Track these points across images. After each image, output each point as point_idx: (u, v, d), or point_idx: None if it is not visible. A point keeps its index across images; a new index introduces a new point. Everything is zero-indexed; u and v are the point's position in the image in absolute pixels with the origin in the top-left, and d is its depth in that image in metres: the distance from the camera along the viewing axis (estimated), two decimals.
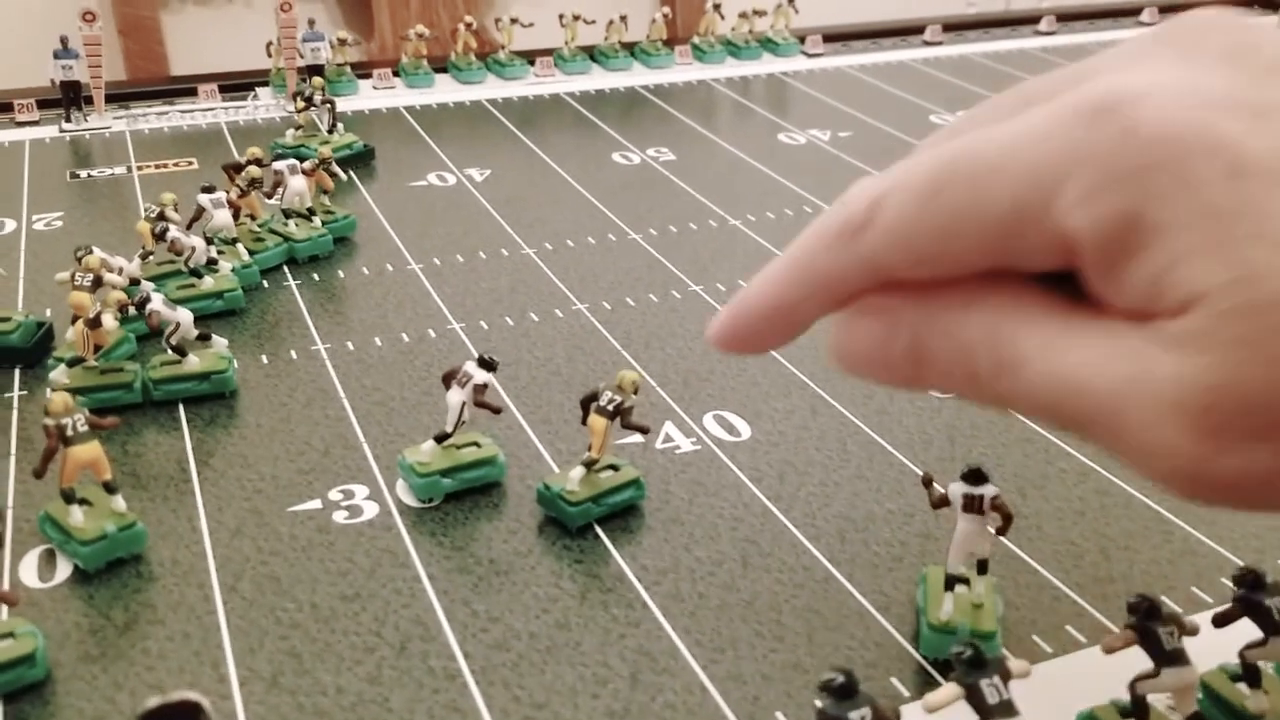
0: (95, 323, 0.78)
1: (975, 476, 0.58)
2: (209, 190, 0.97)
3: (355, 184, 1.21)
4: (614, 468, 0.71)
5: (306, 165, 1.06)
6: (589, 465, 0.69)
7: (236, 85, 1.50)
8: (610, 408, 0.68)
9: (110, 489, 0.65)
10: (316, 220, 1.05)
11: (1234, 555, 0.67)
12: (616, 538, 0.68)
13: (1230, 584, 0.53)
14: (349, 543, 0.67)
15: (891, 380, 0.39)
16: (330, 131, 1.25)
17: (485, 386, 0.70)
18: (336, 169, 1.10)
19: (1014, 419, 0.80)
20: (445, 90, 1.54)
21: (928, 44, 1.78)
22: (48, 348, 0.86)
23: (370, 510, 0.70)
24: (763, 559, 0.66)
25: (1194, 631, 0.51)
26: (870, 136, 1.39)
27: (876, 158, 1.31)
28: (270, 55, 1.47)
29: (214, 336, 0.83)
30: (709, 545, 0.67)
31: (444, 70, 1.58)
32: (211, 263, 0.93)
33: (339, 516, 0.69)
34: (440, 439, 0.71)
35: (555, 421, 0.80)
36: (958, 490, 0.59)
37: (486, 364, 0.71)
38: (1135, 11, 1.95)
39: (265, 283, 0.98)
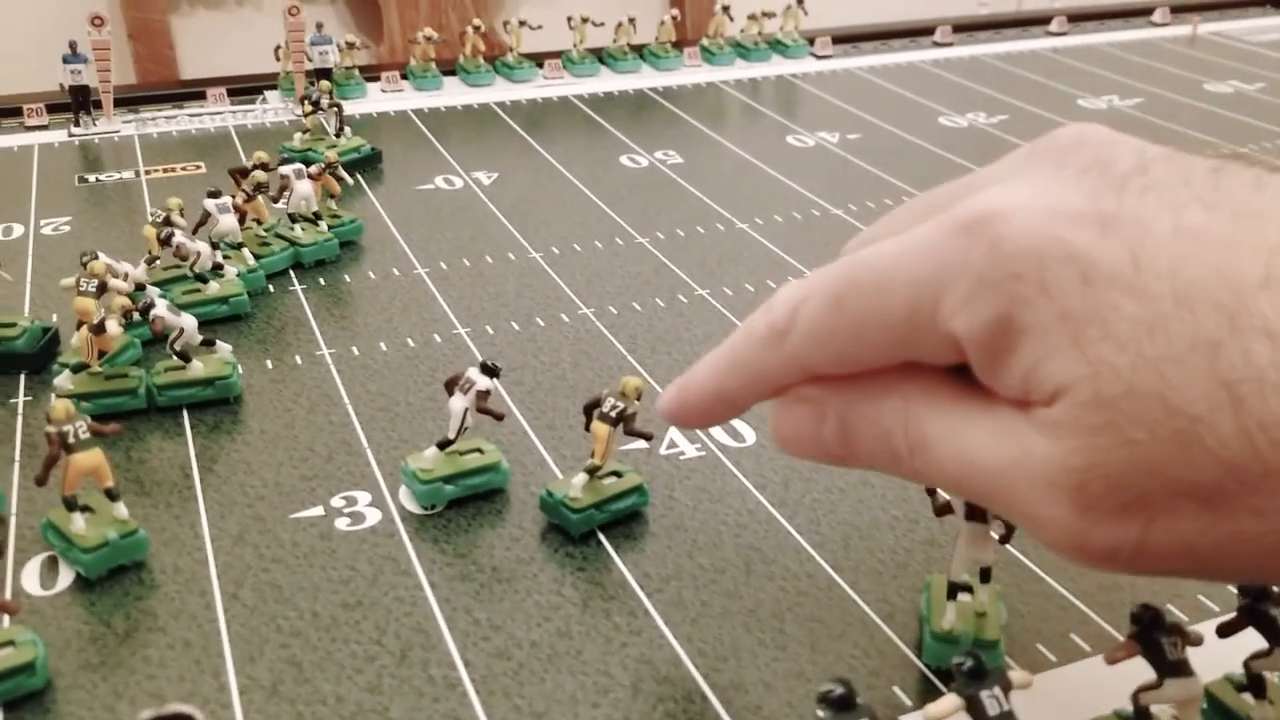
0: (99, 328, 0.78)
1: None
2: (214, 195, 0.97)
3: (362, 187, 1.21)
4: (617, 474, 0.71)
5: (313, 169, 1.06)
6: (592, 472, 0.69)
7: (245, 89, 1.50)
8: (613, 414, 0.68)
9: (112, 496, 0.65)
10: (323, 225, 1.05)
11: None
12: (619, 545, 0.68)
13: (1236, 593, 0.53)
14: (351, 550, 0.67)
15: (827, 459, 0.45)
16: (337, 135, 1.26)
17: (488, 393, 0.70)
18: (343, 173, 1.10)
19: None
20: (453, 93, 1.54)
21: (938, 45, 1.77)
22: (53, 353, 0.86)
23: (373, 517, 0.69)
24: (766, 566, 0.66)
25: (1198, 642, 0.50)
26: (879, 139, 1.38)
27: (884, 160, 1.30)
28: (278, 59, 1.47)
29: (218, 342, 0.83)
30: (712, 552, 0.67)
31: (452, 73, 1.58)
32: (217, 268, 0.93)
33: (341, 523, 0.69)
34: (443, 445, 0.71)
35: (560, 427, 0.79)
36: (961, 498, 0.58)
37: (489, 370, 0.71)
38: (1147, 12, 1.94)
39: (271, 287, 0.98)
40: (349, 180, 1.13)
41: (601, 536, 0.68)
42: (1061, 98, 1.55)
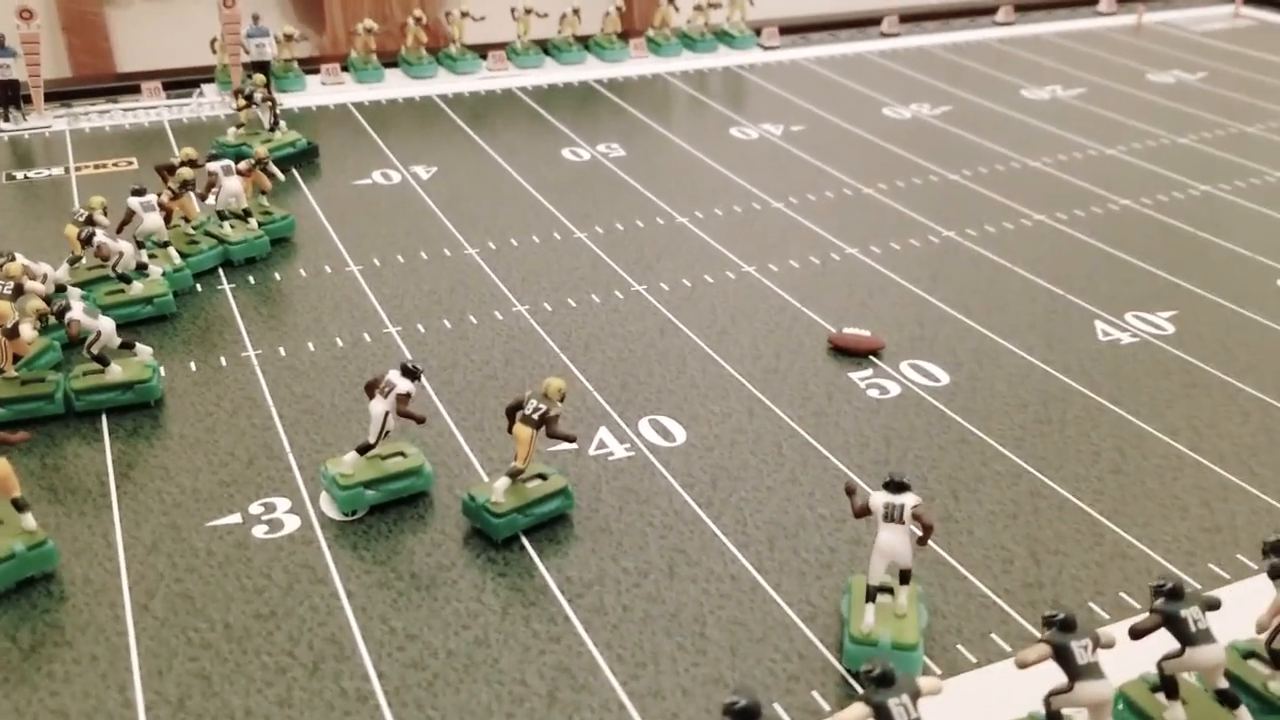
0: (13, 333, 0.76)
1: (896, 486, 0.58)
2: (139, 193, 0.95)
3: (297, 183, 1.19)
4: (543, 476, 0.70)
5: (242, 165, 1.04)
6: (514, 475, 0.68)
7: (181, 82, 1.47)
8: (535, 416, 0.67)
9: (19, 507, 0.64)
10: (253, 222, 1.03)
11: (1164, 559, 0.66)
12: (543, 549, 0.67)
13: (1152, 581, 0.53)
14: (267, 558, 0.65)
15: None
16: (272, 129, 1.23)
17: (409, 395, 0.69)
18: (274, 169, 1.08)
19: (951, 420, 0.79)
20: (395, 86, 1.52)
21: (885, 35, 1.77)
22: None
23: (291, 524, 0.68)
24: (690, 568, 0.65)
25: (1110, 645, 0.50)
26: (821, 131, 1.38)
27: (826, 151, 1.30)
28: (214, 52, 1.45)
29: (139, 344, 0.81)
30: (636, 555, 0.66)
31: (394, 65, 1.56)
32: (141, 267, 0.91)
33: (259, 531, 0.67)
34: (363, 450, 0.70)
35: (488, 429, 0.78)
36: (879, 499, 0.58)
37: (410, 372, 0.70)
38: (1093, 1, 1.95)
39: (199, 286, 0.97)
40: (279, 176, 1.11)
41: (525, 541, 0.67)
42: (1005, 88, 1.55)
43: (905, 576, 0.59)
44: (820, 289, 0.98)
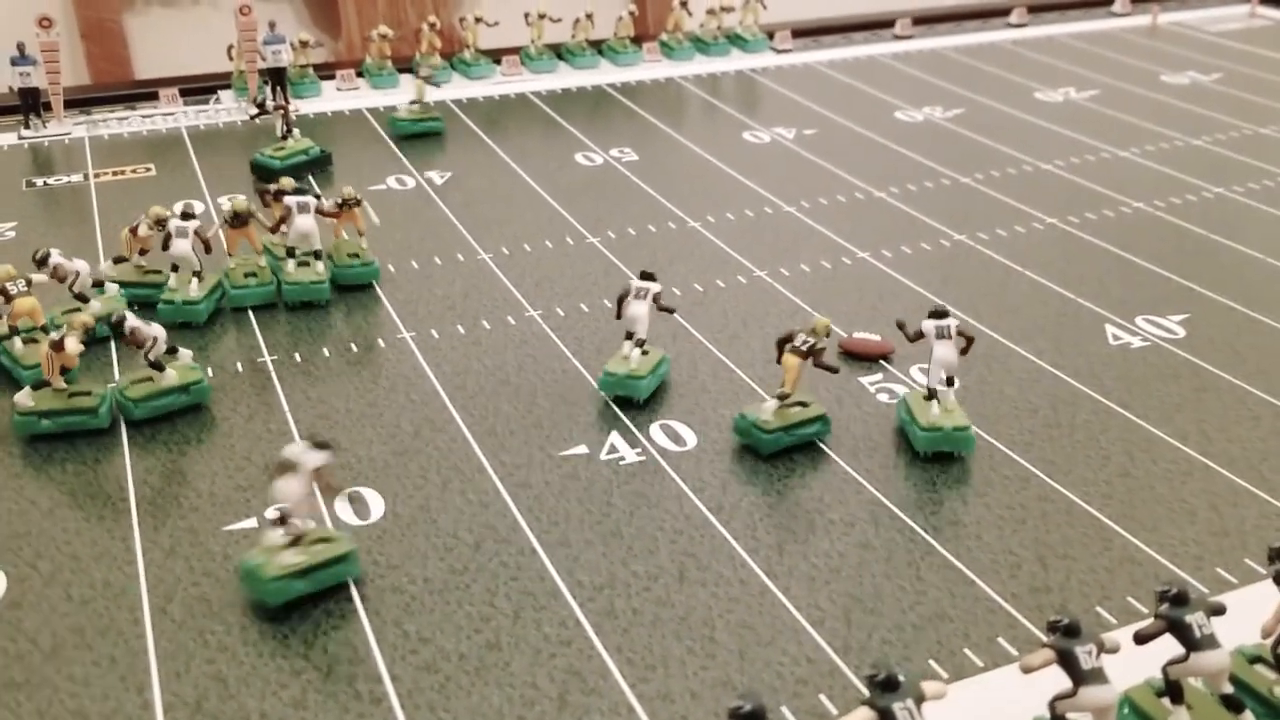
0: (59, 345, 0.77)
1: (940, 314, 0.76)
2: (188, 215, 0.94)
3: (314, 188, 1.20)
4: (804, 404, 0.77)
5: (328, 205, 0.99)
6: (782, 399, 0.76)
7: (199, 89, 1.49)
8: (804, 348, 0.75)
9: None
10: (320, 265, 0.96)
11: (1172, 564, 0.66)
12: (554, 553, 0.68)
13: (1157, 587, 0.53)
14: None
15: None
16: (284, 137, 1.24)
17: (323, 468, 0.64)
18: (369, 209, 1.02)
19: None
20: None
21: (898, 38, 1.77)
22: None
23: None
24: (700, 572, 0.66)
25: (1114, 650, 0.50)
26: (834, 134, 1.38)
27: (838, 155, 1.30)
28: (231, 59, 1.46)
29: (180, 349, 0.82)
30: (647, 559, 0.67)
31: (409, 70, 1.57)
32: (98, 284, 0.92)
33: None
34: (294, 540, 0.63)
35: (501, 433, 0.79)
36: (930, 325, 0.76)
37: (320, 445, 0.64)
38: (1108, 1, 1.94)
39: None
40: (374, 219, 1.04)
41: (535, 543, 0.68)
42: (1019, 91, 1.55)
43: (950, 381, 0.76)
44: (831, 293, 0.98)
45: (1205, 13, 1.96)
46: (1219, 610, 0.52)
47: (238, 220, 0.96)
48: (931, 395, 0.76)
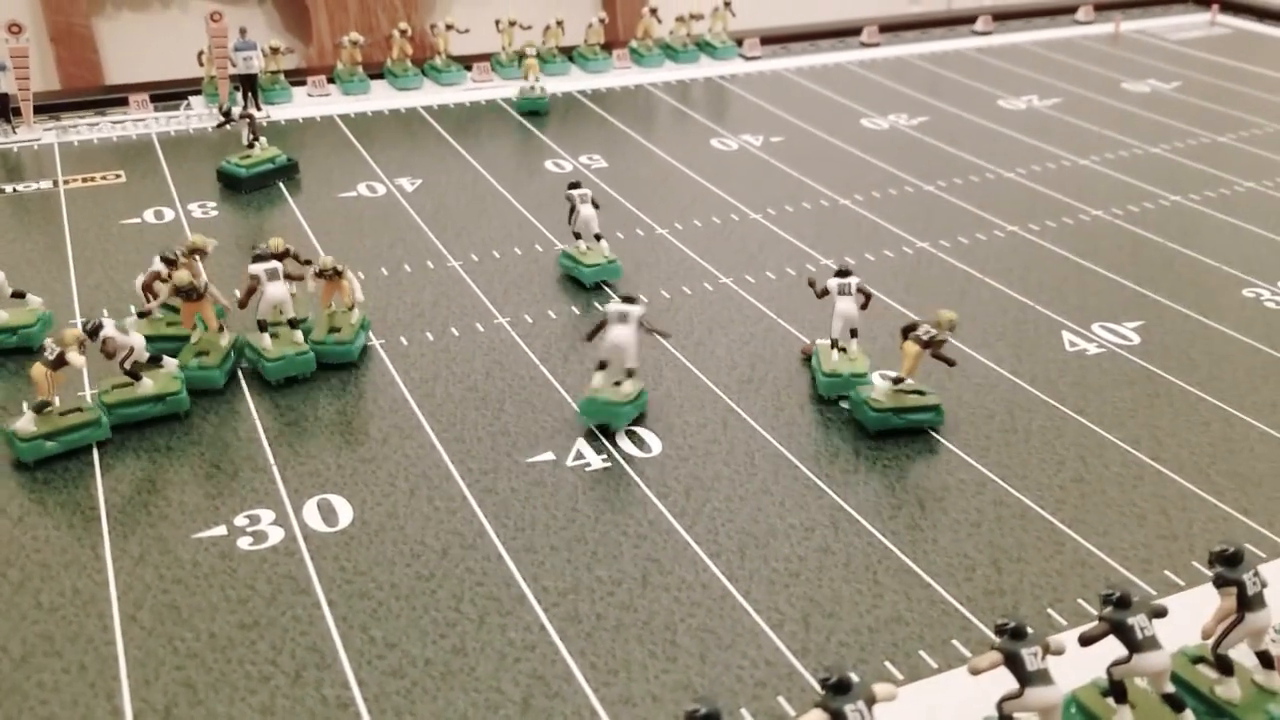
0: (59, 362, 0.77)
1: (844, 273, 0.86)
2: (260, 258, 0.87)
3: (283, 195, 1.21)
4: (920, 392, 0.81)
5: (313, 271, 0.89)
6: (897, 382, 0.81)
7: (169, 94, 1.49)
8: (925, 338, 0.79)
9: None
10: (298, 334, 0.87)
11: (1122, 567, 0.68)
12: (519, 558, 0.69)
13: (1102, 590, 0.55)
14: (251, 569, 0.67)
15: None
16: (250, 146, 1.24)
17: (646, 316, 0.82)
18: (351, 276, 0.90)
19: (916, 434, 0.81)
20: (381, 97, 1.53)
21: (865, 45, 1.79)
22: None
23: (275, 536, 0.70)
24: (663, 577, 0.67)
25: (1059, 652, 0.52)
26: (800, 141, 1.40)
27: (804, 162, 1.32)
28: (201, 64, 1.47)
29: (165, 358, 0.83)
30: (611, 564, 0.68)
31: (380, 77, 1.58)
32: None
33: (243, 543, 0.69)
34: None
35: (468, 440, 0.80)
36: (834, 282, 0.86)
37: (629, 300, 0.83)
38: (1071, 10, 1.97)
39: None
40: (359, 296, 0.91)
41: (502, 550, 0.69)
42: (983, 98, 1.57)
43: (854, 333, 0.86)
44: (796, 300, 1.00)
45: (1167, 20, 1.99)
46: (1160, 613, 0.54)
47: (187, 294, 0.86)
48: (834, 345, 0.86)
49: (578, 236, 1.03)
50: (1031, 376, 0.88)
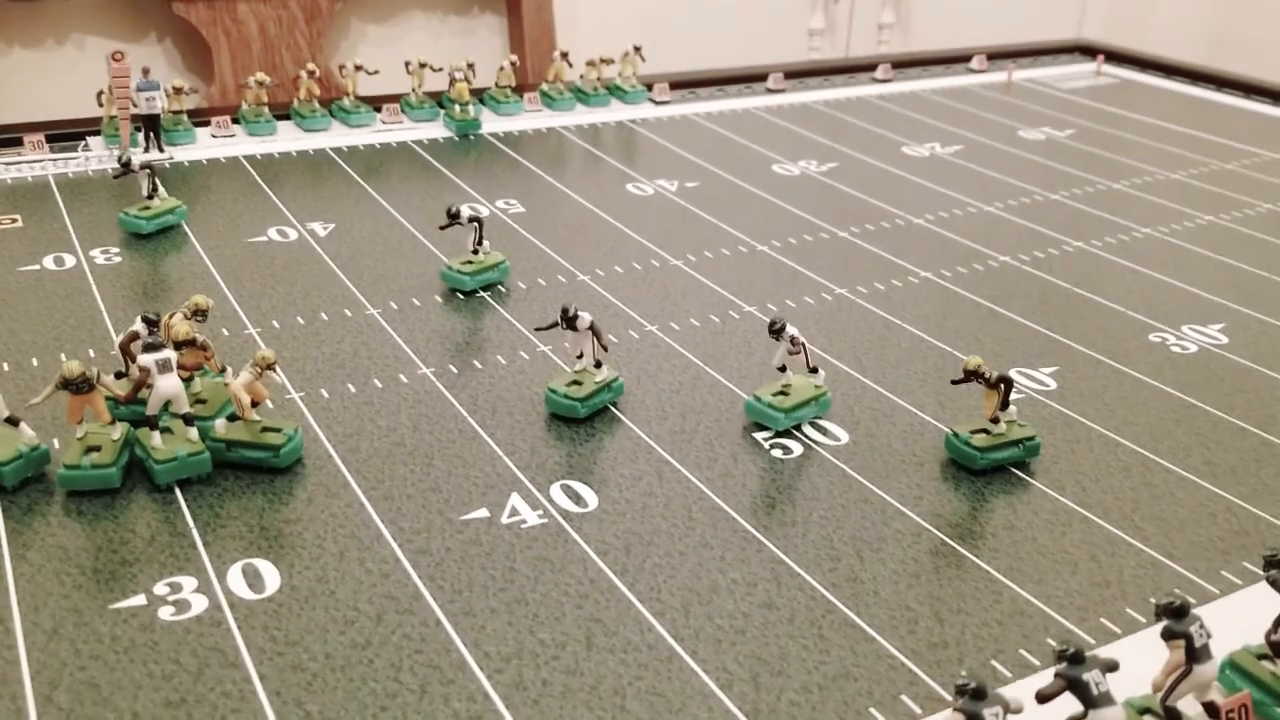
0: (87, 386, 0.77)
1: (777, 331, 0.88)
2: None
3: (189, 240, 1.17)
4: (985, 431, 0.85)
5: (244, 376, 0.81)
6: (994, 421, 0.85)
7: (66, 135, 1.44)
8: (992, 378, 0.84)
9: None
10: (193, 432, 0.79)
11: (1059, 615, 0.69)
12: (458, 623, 0.67)
13: (1054, 646, 0.56)
14: (175, 642, 0.64)
15: None
16: (149, 197, 1.20)
17: (596, 324, 0.86)
18: (278, 371, 0.84)
19: (851, 479, 0.82)
20: (288, 138, 1.50)
21: (771, 91, 1.82)
22: None
23: (199, 604, 0.67)
24: (607, 638, 0.66)
25: (1019, 711, 0.52)
26: (715, 187, 1.41)
27: (721, 208, 1.33)
28: (101, 105, 1.42)
29: (22, 424, 0.78)
30: (553, 626, 0.67)
31: (286, 117, 1.55)
32: None
33: (165, 613, 0.66)
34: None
35: (398, 498, 0.78)
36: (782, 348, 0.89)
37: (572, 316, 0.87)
38: (966, 59, 2.03)
39: (92, 352, 0.94)
40: (269, 390, 0.85)
41: (440, 614, 0.67)
42: (888, 145, 1.61)
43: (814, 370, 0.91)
44: (722, 348, 1.00)
45: (1056, 69, 2.06)
46: (1113, 667, 0.54)
47: (77, 386, 0.77)
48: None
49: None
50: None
